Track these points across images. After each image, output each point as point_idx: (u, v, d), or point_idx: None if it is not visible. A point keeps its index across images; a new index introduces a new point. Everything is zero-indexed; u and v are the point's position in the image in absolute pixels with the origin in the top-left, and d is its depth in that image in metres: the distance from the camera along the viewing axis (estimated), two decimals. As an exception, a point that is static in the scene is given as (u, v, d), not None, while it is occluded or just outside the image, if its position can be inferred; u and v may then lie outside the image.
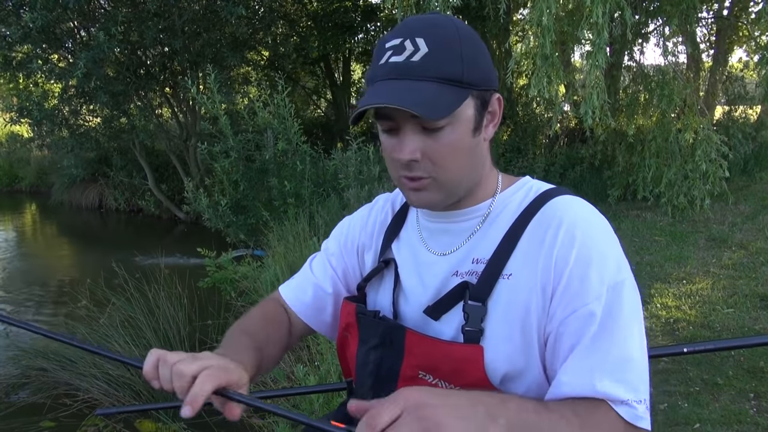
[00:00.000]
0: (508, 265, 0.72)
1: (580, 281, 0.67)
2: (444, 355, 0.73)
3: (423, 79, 0.67)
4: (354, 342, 0.85)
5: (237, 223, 5.68)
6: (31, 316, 4.93)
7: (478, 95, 0.72)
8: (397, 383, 0.78)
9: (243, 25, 7.60)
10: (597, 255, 0.68)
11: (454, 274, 0.77)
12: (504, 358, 0.70)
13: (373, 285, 0.88)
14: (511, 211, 0.76)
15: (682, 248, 4.85)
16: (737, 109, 8.58)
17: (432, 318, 0.76)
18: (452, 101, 0.68)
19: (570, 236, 0.69)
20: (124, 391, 3.02)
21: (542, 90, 4.64)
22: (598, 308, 0.66)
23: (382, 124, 0.72)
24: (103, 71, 6.79)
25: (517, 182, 0.81)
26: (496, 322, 0.71)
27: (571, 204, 0.74)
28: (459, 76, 0.69)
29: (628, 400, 0.64)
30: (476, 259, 0.75)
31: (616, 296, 0.67)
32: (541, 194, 0.76)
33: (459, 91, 0.69)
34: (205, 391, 0.65)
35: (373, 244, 0.92)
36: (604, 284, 0.67)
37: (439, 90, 0.67)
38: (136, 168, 9.31)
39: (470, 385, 0.71)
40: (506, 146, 7.62)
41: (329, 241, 0.98)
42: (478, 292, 0.72)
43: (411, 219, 0.88)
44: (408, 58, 0.68)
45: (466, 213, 0.79)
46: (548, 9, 4.27)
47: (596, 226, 0.71)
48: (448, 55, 0.68)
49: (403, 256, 0.85)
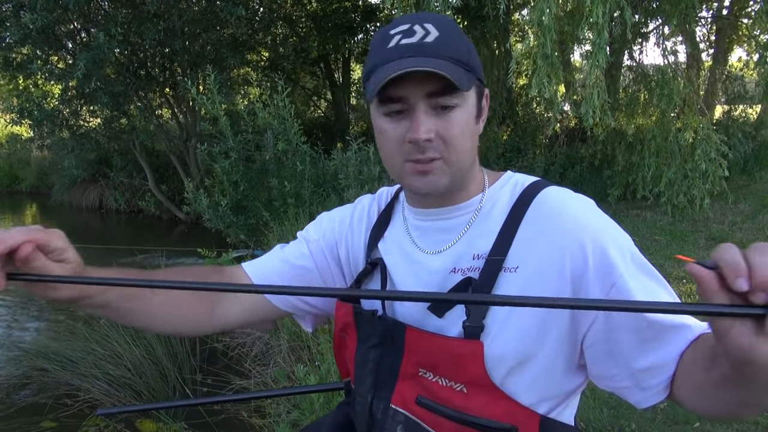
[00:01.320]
0: (511, 258, 0.72)
1: (604, 259, 0.68)
2: (444, 350, 0.73)
3: (440, 57, 0.68)
4: (352, 342, 0.85)
5: (237, 224, 5.69)
6: (32, 316, 4.94)
7: (478, 84, 0.75)
8: (397, 381, 0.78)
9: (243, 26, 7.61)
10: (606, 235, 0.70)
11: (452, 271, 0.77)
12: (510, 351, 0.71)
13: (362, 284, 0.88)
14: (503, 205, 0.77)
15: (682, 247, 4.85)
16: (737, 108, 8.58)
17: (436, 315, 0.75)
18: (468, 80, 0.70)
19: (575, 223, 0.70)
20: (125, 391, 3.03)
21: (542, 90, 4.64)
22: (633, 275, 0.68)
23: (390, 106, 0.71)
24: (103, 72, 6.79)
25: (502, 177, 0.82)
26: (501, 317, 0.71)
27: (562, 194, 0.76)
28: (467, 60, 0.71)
29: None
30: (476, 255, 0.75)
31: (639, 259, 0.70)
32: (528, 187, 0.77)
33: (469, 74, 0.71)
34: (13, 237, 0.62)
35: (354, 243, 0.91)
36: (626, 256, 0.69)
37: (456, 68, 0.69)
38: (136, 169, 9.32)
39: (470, 381, 0.71)
40: (506, 146, 7.62)
41: (308, 228, 0.96)
42: (481, 287, 0.72)
43: (397, 220, 0.87)
44: (421, 39, 0.69)
45: (459, 209, 0.79)
46: (548, 9, 4.27)
47: (594, 211, 0.74)
48: (457, 40, 0.71)
49: (393, 257, 0.84)
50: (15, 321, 4.77)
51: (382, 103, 0.72)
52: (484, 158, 7.24)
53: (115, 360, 3.14)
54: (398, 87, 0.69)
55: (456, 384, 0.73)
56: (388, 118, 0.72)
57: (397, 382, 0.78)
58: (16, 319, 4.84)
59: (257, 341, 3.54)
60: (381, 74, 0.68)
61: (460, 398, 0.72)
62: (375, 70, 0.71)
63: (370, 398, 0.81)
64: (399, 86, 0.69)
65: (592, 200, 0.76)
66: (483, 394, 0.71)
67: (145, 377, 3.14)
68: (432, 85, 0.68)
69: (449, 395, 0.73)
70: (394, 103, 0.71)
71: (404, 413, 0.77)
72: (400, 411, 0.78)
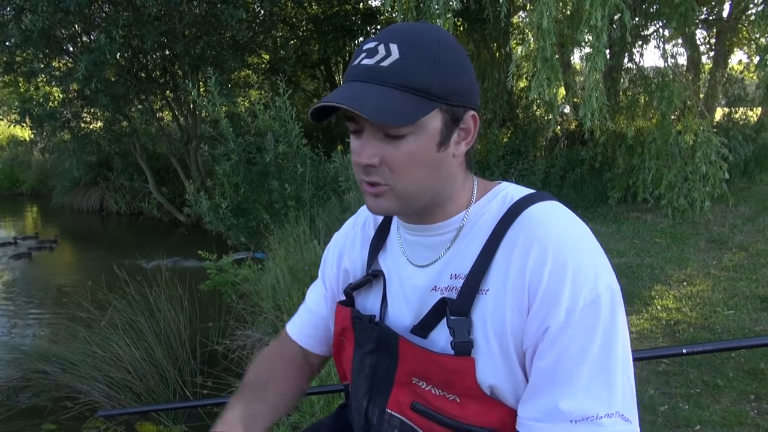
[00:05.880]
0: (486, 280, 0.71)
1: (554, 300, 0.66)
2: (436, 365, 0.73)
3: (387, 85, 0.66)
4: (350, 346, 0.85)
5: (238, 226, 5.69)
6: (33, 317, 4.94)
7: (448, 110, 0.69)
8: (392, 388, 0.78)
9: (243, 29, 7.62)
10: (571, 272, 0.66)
11: (432, 289, 0.76)
12: (488, 371, 0.70)
13: (361, 293, 0.88)
14: (487, 222, 0.75)
15: (683, 250, 4.85)
16: (737, 111, 8.58)
17: (420, 336, 0.76)
18: (414, 110, 0.66)
19: (543, 253, 0.67)
20: (125, 393, 3.03)
21: (542, 92, 4.65)
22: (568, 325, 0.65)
23: (348, 125, 0.71)
24: (104, 74, 6.80)
25: (492, 190, 0.79)
26: (479, 336, 0.71)
27: (545, 215, 0.72)
28: (427, 87, 0.67)
29: (594, 415, 0.63)
30: (454, 274, 0.75)
31: (589, 315, 0.65)
32: (515, 203, 0.74)
33: (424, 102, 0.67)
34: None
35: (356, 253, 0.91)
36: (576, 303, 0.65)
37: (402, 98, 0.66)
38: (137, 171, 9.32)
39: (462, 393, 0.72)
40: (506, 149, 7.62)
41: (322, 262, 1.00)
42: (458, 308, 0.71)
43: (394, 230, 0.87)
44: (378, 62, 0.67)
45: (439, 228, 0.77)
46: (548, 12, 4.28)
47: (571, 239, 0.69)
48: (420, 65, 0.67)
49: (389, 268, 0.85)
50: (15, 324, 4.77)
51: (345, 120, 0.72)
52: (484, 161, 7.25)
53: (116, 362, 3.14)
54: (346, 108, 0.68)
55: (449, 394, 0.73)
56: (353, 136, 0.72)
57: (393, 388, 0.78)
58: (16, 321, 4.84)
59: (257, 343, 3.54)
60: (329, 96, 0.67)
61: (454, 407, 0.72)
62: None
63: (365, 403, 0.82)
64: None
65: (580, 224, 0.72)
66: (477, 404, 0.71)
67: (146, 379, 3.14)
68: None
69: (443, 404, 0.73)
70: (351, 122, 0.71)
71: (400, 418, 0.78)
72: (395, 416, 0.78)
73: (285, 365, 0.96)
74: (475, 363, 0.70)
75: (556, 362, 0.65)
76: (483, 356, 0.71)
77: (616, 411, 0.64)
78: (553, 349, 0.66)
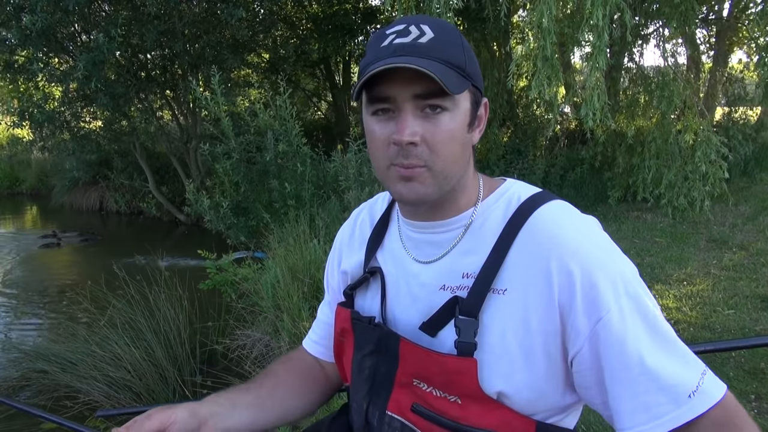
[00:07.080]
0: (500, 280, 0.71)
1: (593, 290, 0.66)
2: (437, 366, 0.72)
3: (431, 58, 0.66)
4: (350, 347, 0.85)
5: (238, 225, 5.69)
6: (32, 318, 4.94)
7: (473, 92, 0.72)
8: (392, 390, 0.78)
9: (243, 28, 7.61)
10: (599, 263, 0.67)
11: (442, 288, 0.76)
12: (499, 374, 0.70)
13: (359, 292, 0.87)
14: (496, 222, 0.74)
15: (683, 249, 4.85)
16: (737, 110, 8.59)
17: (429, 335, 0.75)
18: (459, 84, 0.68)
19: (567, 248, 0.68)
20: (125, 393, 3.03)
21: (542, 92, 4.64)
22: (623, 313, 0.65)
23: (377, 105, 0.69)
24: (104, 73, 6.79)
25: (499, 188, 0.79)
26: (491, 338, 0.70)
27: (558, 214, 0.72)
28: (462, 65, 0.69)
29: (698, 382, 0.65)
30: (465, 273, 0.74)
31: (634, 294, 0.67)
32: (524, 203, 0.74)
33: (462, 78, 0.69)
34: None
35: (354, 253, 0.91)
36: (618, 288, 0.66)
37: (448, 71, 0.67)
38: (136, 170, 9.32)
39: (463, 394, 0.71)
40: (507, 148, 7.62)
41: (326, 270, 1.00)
42: (468, 307, 0.71)
43: (393, 228, 0.86)
44: (415, 39, 0.68)
45: (448, 224, 0.77)
46: (548, 11, 4.28)
47: (591, 235, 0.71)
48: (452, 43, 0.69)
49: (389, 266, 0.84)
50: (14, 323, 4.77)
51: (370, 102, 0.70)
52: (484, 160, 7.24)
53: (115, 362, 3.14)
54: (386, 86, 0.67)
55: (450, 396, 0.72)
56: (375, 118, 0.70)
57: (393, 390, 0.77)
58: (16, 321, 4.84)
59: (257, 343, 3.54)
60: (369, 71, 0.67)
61: (455, 409, 0.72)
62: (365, 68, 0.69)
63: (365, 405, 0.81)
64: (387, 85, 0.67)
65: (593, 219, 0.74)
66: (478, 406, 0.71)
67: (145, 379, 3.13)
68: (420, 86, 0.66)
69: (444, 406, 0.73)
70: (381, 102, 0.69)
71: (400, 420, 0.77)
72: (396, 418, 0.77)
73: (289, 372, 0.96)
74: (479, 365, 0.69)
75: (639, 362, 0.64)
76: (496, 359, 0.70)
77: (702, 370, 0.66)
78: (624, 353, 0.65)
